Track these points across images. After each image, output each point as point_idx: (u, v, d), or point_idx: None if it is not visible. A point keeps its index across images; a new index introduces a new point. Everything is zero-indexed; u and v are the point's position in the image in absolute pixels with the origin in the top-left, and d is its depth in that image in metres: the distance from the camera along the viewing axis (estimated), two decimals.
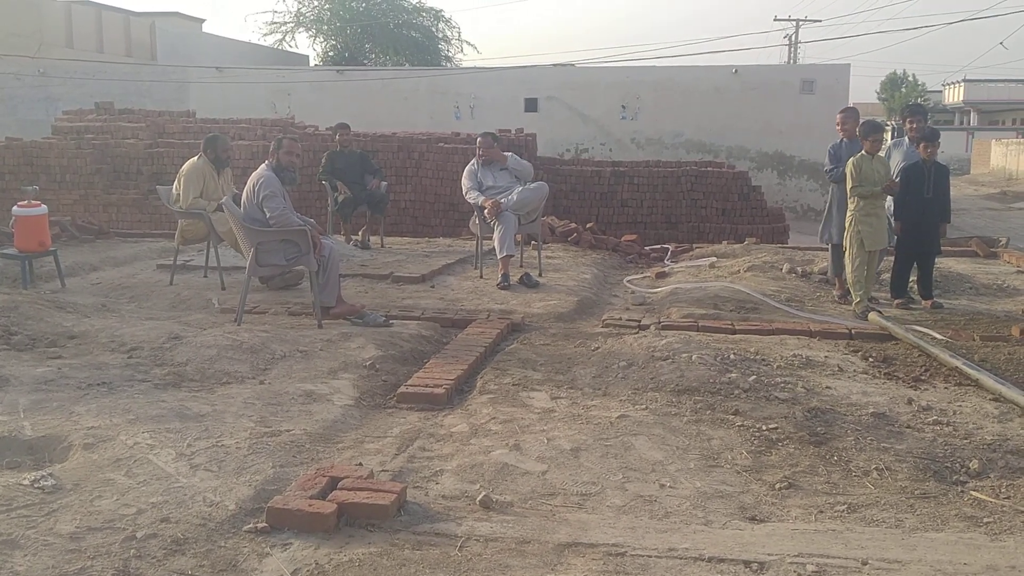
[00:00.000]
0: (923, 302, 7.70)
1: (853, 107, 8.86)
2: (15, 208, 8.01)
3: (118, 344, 5.77)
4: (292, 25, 36.30)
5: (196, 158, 8.43)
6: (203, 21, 35.72)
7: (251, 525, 3.25)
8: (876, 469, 3.91)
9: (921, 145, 7.78)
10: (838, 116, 8.37)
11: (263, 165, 7.02)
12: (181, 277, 8.39)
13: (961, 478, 3.85)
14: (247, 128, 15.11)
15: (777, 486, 3.74)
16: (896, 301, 7.71)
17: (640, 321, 6.85)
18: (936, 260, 8.06)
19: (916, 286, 7.90)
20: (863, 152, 7.40)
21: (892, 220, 7.81)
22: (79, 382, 4.93)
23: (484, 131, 9.55)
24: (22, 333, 5.85)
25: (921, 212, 7.68)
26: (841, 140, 8.12)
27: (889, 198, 7.72)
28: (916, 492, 3.70)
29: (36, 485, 3.49)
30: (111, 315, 6.77)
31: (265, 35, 36.85)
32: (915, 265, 7.87)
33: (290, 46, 36.81)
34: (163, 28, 30.28)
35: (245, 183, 7.09)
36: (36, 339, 5.82)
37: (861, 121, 7.95)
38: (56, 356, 5.49)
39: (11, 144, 14.91)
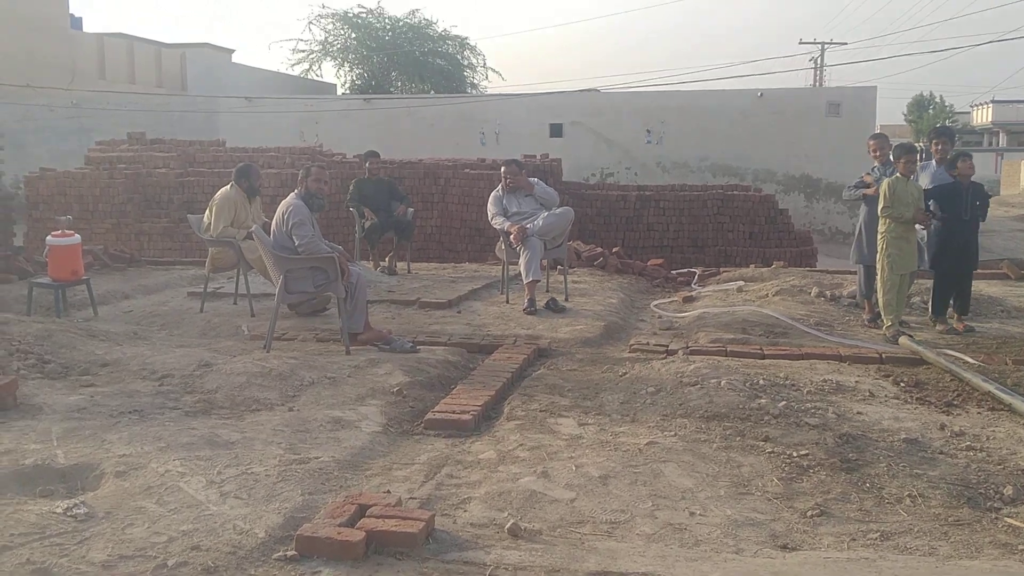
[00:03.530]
0: (957, 318, 7.62)
1: (882, 132, 8.77)
2: (49, 238, 8.16)
3: (149, 372, 5.83)
4: (319, 54, 36.79)
5: (228, 187, 8.52)
6: (233, 52, 36.24)
7: (281, 553, 3.26)
8: (909, 496, 3.86)
9: (958, 163, 7.67)
10: (871, 142, 8.25)
11: (292, 194, 7.11)
12: (211, 304, 8.48)
13: (995, 504, 3.80)
14: (276, 157, 15.30)
15: (809, 513, 3.70)
16: (936, 322, 7.64)
17: (668, 346, 6.82)
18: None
19: (953, 301, 7.80)
20: (898, 175, 7.35)
21: (923, 244, 7.74)
22: (111, 410, 4.98)
23: (509, 158, 9.61)
24: (55, 361, 5.93)
25: (959, 233, 7.60)
26: (874, 167, 8.05)
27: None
28: (950, 519, 3.65)
29: (69, 513, 3.52)
30: (142, 343, 6.85)
31: (293, 64, 37.40)
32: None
33: (317, 75, 37.28)
34: (193, 59, 30.78)
35: (273, 211, 7.18)
36: (69, 367, 5.89)
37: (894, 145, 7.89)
38: (88, 384, 5.55)
39: (45, 174, 15.18)
